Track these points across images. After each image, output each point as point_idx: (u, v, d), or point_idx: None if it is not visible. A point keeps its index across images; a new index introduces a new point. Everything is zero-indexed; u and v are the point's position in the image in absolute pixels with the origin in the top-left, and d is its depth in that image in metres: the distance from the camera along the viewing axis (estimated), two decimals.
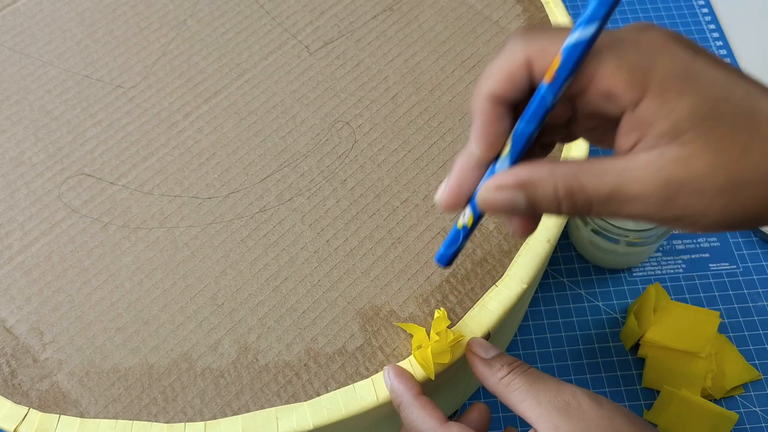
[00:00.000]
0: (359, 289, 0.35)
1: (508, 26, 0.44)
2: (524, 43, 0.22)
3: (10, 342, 0.33)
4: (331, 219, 0.37)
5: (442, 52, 0.43)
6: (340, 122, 0.40)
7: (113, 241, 0.36)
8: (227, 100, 0.41)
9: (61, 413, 0.32)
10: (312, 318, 0.34)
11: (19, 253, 0.36)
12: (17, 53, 0.42)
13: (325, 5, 0.44)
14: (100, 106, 0.40)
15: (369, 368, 0.33)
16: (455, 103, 0.41)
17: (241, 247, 0.36)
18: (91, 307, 0.34)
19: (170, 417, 0.32)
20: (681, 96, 0.20)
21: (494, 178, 0.23)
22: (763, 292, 0.54)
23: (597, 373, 0.51)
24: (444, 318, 0.33)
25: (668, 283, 0.54)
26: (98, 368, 0.33)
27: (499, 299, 0.34)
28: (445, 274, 0.35)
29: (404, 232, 0.36)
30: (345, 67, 0.42)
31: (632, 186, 0.21)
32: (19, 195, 0.37)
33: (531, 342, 0.52)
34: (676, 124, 0.20)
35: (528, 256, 0.36)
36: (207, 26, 0.44)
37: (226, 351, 0.33)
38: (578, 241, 0.55)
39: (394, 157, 0.39)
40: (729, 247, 0.56)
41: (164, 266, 0.35)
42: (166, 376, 0.33)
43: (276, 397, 0.32)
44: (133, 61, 0.42)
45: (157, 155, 0.39)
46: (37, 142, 0.39)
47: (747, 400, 0.50)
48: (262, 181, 0.38)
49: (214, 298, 0.35)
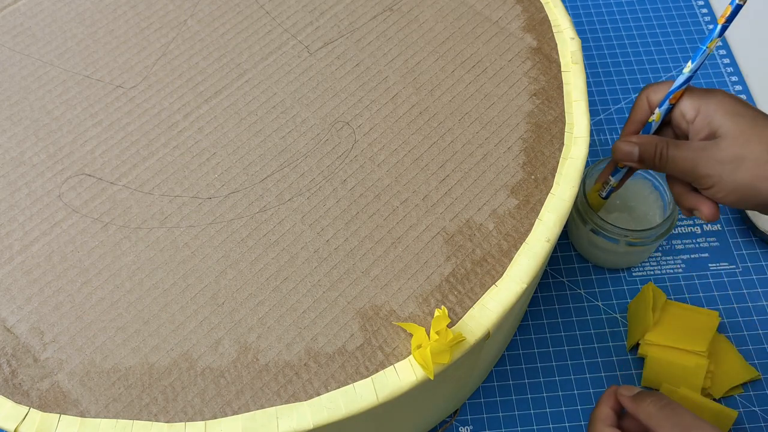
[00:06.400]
0: (359, 289, 0.35)
1: (508, 26, 0.44)
2: (645, 93, 0.42)
3: (11, 342, 0.33)
4: (331, 219, 0.37)
5: (442, 52, 0.43)
6: (340, 122, 0.40)
7: (113, 241, 0.36)
8: (227, 100, 0.41)
9: (62, 413, 0.32)
10: (312, 318, 0.34)
11: (20, 253, 0.36)
12: (18, 53, 0.42)
13: (325, 5, 0.44)
14: (100, 106, 0.40)
15: (369, 368, 0.33)
16: (455, 103, 0.41)
17: (241, 247, 0.36)
18: (92, 307, 0.34)
19: (170, 416, 0.32)
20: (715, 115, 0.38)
21: (627, 137, 0.41)
22: (763, 292, 0.54)
23: (597, 373, 0.51)
24: (444, 316, 0.33)
25: (668, 282, 0.54)
26: (99, 368, 0.33)
27: (498, 299, 0.35)
28: (445, 274, 0.35)
29: (404, 232, 0.36)
30: (345, 67, 0.42)
31: (690, 152, 0.38)
32: (20, 195, 0.37)
33: (531, 342, 0.52)
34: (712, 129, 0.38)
35: (528, 256, 0.36)
36: (207, 26, 0.44)
37: (227, 350, 0.33)
38: (578, 241, 0.55)
39: (394, 157, 0.39)
40: (728, 247, 0.56)
41: (164, 266, 0.35)
42: (167, 376, 0.33)
43: (276, 396, 0.32)
44: (134, 61, 0.42)
45: (158, 155, 0.39)
46: (38, 142, 0.39)
47: (746, 400, 0.50)
48: (263, 181, 0.38)
49: (214, 297, 0.35)
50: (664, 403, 0.40)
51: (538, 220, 0.37)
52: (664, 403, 0.40)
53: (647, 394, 0.41)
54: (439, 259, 0.36)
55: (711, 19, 0.69)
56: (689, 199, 0.40)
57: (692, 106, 0.39)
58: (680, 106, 0.40)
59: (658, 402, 0.40)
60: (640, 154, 0.40)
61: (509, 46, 0.43)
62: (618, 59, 0.66)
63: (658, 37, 0.68)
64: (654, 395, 0.41)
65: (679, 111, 0.40)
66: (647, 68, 0.66)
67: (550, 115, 0.40)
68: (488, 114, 0.40)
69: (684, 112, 0.39)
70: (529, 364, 0.51)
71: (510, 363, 0.51)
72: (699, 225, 0.57)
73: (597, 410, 0.43)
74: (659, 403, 0.40)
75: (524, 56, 0.43)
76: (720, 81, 0.65)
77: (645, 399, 0.41)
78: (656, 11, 0.70)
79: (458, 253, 0.36)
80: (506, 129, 0.40)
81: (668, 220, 0.49)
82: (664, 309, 0.51)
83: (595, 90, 0.65)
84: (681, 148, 0.38)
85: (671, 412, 0.39)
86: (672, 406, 0.39)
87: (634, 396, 0.41)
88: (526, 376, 0.51)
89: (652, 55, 0.67)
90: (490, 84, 0.41)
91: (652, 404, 0.40)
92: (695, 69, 0.38)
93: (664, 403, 0.40)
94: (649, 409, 0.40)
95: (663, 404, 0.40)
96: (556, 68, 0.42)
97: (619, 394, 0.43)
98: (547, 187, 0.38)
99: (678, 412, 0.39)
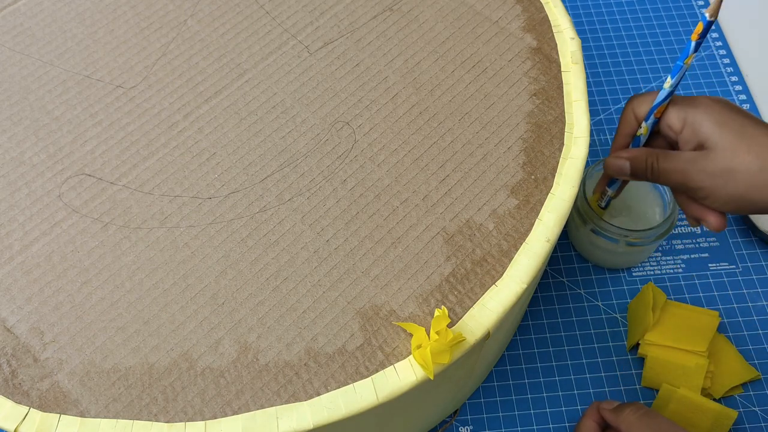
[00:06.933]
0: (359, 289, 0.35)
1: (508, 26, 0.44)
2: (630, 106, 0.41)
3: (11, 342, 0.33)
4: (331, 219, 0.37)
5: (442, 52, 0.43)
6: (340, 122, 0.40)
7: (113, 241, 0.36)
8: (227, 100, 0.41)
9: (62, 413, 0.32)
10: (312, 317, 0.34)
11: (20, 253, 0.36)
12: (18, 53, 0.42)
13: (325, 5, 0.44)
14: (100, 106, 0.40)
15: (369, 368, 0.33)
16: (455, 103, 0.41)
17: (241, 247, 0.36)
18: (92, 307, 0.34)
19: (170, 416, 0.32)
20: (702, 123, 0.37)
21: (617, 152, 0.41)
22: (763, 292, 0.54)
23: (597, 373, 0.51)
24: (444, 316, 0.33)
25: (668, 282, 0.54)
26: (99, 368, 0.33)
27: (498, 299, 0.35)
28: (445, 274, 0.35)
29: (404, 232, 0.36)
30: (345, 67, 0.42)
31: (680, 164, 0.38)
32: (20, 195, 0.37)
33: (531, 342, 0.52)
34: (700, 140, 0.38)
35: (527, 256, 0.36)
36: (207, 26, 0.44)
37: (227, 350, 0.33)
38: (578, 241, 0.55)
39: (394, 157, 0.39)
40: (728, 247, 0.56)
41: (164, 266, 0.35)
42: (167, 376, 0.33)
43: (276, 396, 0.32)
44: (134, 61, 0.42)
45: (158, 155, 0.39)
46: (38, 142, 0.39)
47: (746, 400, 0.50)
48: (263, 181, 0.38)
49: (214, 297, 0.35)
50: (643, 413, 0.41)
51: (538, 220, 0.37)
52: (642, 412, 0.41)
53: (626, 405, 0.43)
54: (439, 259, 0.36)
55: None
56: (694, 208, 0.40)
57: (678, 117, 0.38)
58: (666, 118, 0.39)
59: (636, 411, 0.41)
60: (631, 168, 0.40)
61: (509, 46, 0.43)
62: (618, 59, 0.66)
63: (658, 37, 0.68)
64: (632, 405, 0.42)
65: (665, 123, 0.39)
66: (647, 68, 0.66)
67: (550, 115, 0.40)
68: (488, 114, 0.40)
69: (670, 124, 0.39)
70: (529, 364, 0.51)
71: (510, 363, 0.51)
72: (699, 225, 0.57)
73: (581, 424, 0.45)
74: (638, 413, 0.41)
75: (524, 56, 0.43)
76: (720, 81, 0.65)
77: (624, 410, 0.42)
78: (656, 11, 0.70)
79: (458, 253, 0.36)
80: (506, 129, 0.40)
81: (668, 220, 0.49)
82: (664, 309, 0.51)
83: (595, 90, 0.65)
84: (671, 160, 0.38)
85: (650, 420, 0.41)
86: (650, 415, 0.41)
87: (614, 408, 0.43)
88: (526, 376, 0.51)
89: (652, 55, 0.67)
90: (490, 84, 0.41)
91: (631, 413, 0.41)
92: (675, 84, 0.38)
93: (642, 413, 0.41)
94: (629, 419, 0.41)
95: (642, 413, 0.41)
96: (556, 68, 0.42)
97: (601, 408, 0.44)
98: (547, 187, 0.38)
99: (656, 420, 0.41)
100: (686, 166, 0.37)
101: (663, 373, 0.49)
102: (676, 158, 0.38)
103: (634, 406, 0.42)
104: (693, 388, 0.48)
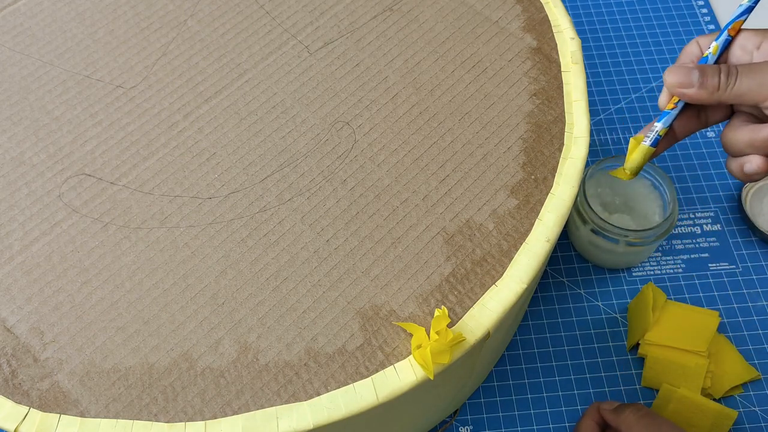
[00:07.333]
0: (359, 289, 0.35)
1: (508, 26, 0.44)
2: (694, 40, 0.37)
3: (11, 342, 0.33)
4: (331, 219, 0.37)
5: (442, 52, 0.43)
6: (340, 122, 0.40)
7: (113, 241, 0.36)
8: (227, 100, 0.41)
9: (62, 413, 0.32)
10: (312, 317, 0.34)
11: (20, 253, 0.36)
12: (18, 53, 0.42)
13: (325, 5, 0.44)
14: (100, 106, 0.40)
15: (369, 368, 0.33)
16: (455, 103, 0.41)
17: (241, 247, 0.36)
18: (92, 307, 0.34)
19: (171, 416, 0.32)
20: None
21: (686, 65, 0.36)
22: (763, 292, 0.54)
23: (597, 373, 0.51)
24: (444, 316, 0.33)
25: (668, 282, 0.54)
26: (99, 368, 0.33)
27: (498, 299, 0.35)
28: (445, 274, 0.35)
29: (404, 232, 0.36)
30: (345, 67, 0.42)
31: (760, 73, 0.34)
32: (20, 195, 0.37)
33: (531, 342, 0.52)
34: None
35: (527, 256, 0.36)
36: (207, 26, 0.44)
37: (227, 350, 0.33)
38: (578, 241, 0.55)
39: (394, 157, 0.39)
40: (728, 247, 0.56)
41: (164, 266, 0.35)
42: (167, 376, 0.33)
43: (276, 396, 0.32)
44: (134, 61, 0.42)
45: (158, 155, 0.39)
46: (38, 142, 0.39)
47: (746, 400, 0.50)
48: (262, 181, 0.38)
49: (214, 297, 0.35)
50: (643, 413, 0.41)
51: (538, 220, 0.37)
52: (642, 413, 0.41)
53: (626, 406, 0.42)
54: (439, 259, 0.36)
55: (711, 19, 0.69)
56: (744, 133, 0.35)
57: (754, 36, 0.35)
58: (740, 38, 0.36)
59: (636, 412, 0.41)
60: (700, 80, 0.35)
61: (509, 46, 0.43)
62: (618, 59, 0.66)
63: (658, 37, 0.68)
64: (633, 406, 0.42)
65: (738, 44, 0.36)
66: (647, 68, 0.66)
67: (550, 115, 0.40)
68: (488, 114, 0.40)
69: (744, 44, 0.35)
70: (529, 364, 0.51)
71: (510, 363, 0.51)
72: (699, 225, 0.57)
73: (581, 424, 0.45)
74: (638, 413, 0.41)
75: (524, 56, 0.43)
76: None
77: (624, 410, 0.42)
78: (656, 11, 0.70)
79: (458, 253, 0.36)
80: (506, 129, 0.40)
81: (668, 220, 0.49)
82: (664, 309, 0.51)
83: (595, 90, 0.65)
84: (755, 74, 0.34)
85: (650, 420, 0.41)
86: (651, 416, 0.41)
87: (615, 408, 0.43)
88: (526, 376, 0.51)
89: (652, 55, 0.67)
90: (490, 84, 0.41)
91: (631, 414, 0.41)
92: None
93: (642, 413, 0.41)
94: (629, 419, 0.41)
95: (642, 414, 0.41)
96: (556, 68, 0.42)
97: (601, 409, 0.44)
98: (547, 187, 0.38)
99: (657, 421, 0.41)
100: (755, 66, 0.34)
101: (663, 373, 0.49)
102: (758, 66, 0.34)
103: (635, 407, 0.42)
104: (693, 388, 0.48)
